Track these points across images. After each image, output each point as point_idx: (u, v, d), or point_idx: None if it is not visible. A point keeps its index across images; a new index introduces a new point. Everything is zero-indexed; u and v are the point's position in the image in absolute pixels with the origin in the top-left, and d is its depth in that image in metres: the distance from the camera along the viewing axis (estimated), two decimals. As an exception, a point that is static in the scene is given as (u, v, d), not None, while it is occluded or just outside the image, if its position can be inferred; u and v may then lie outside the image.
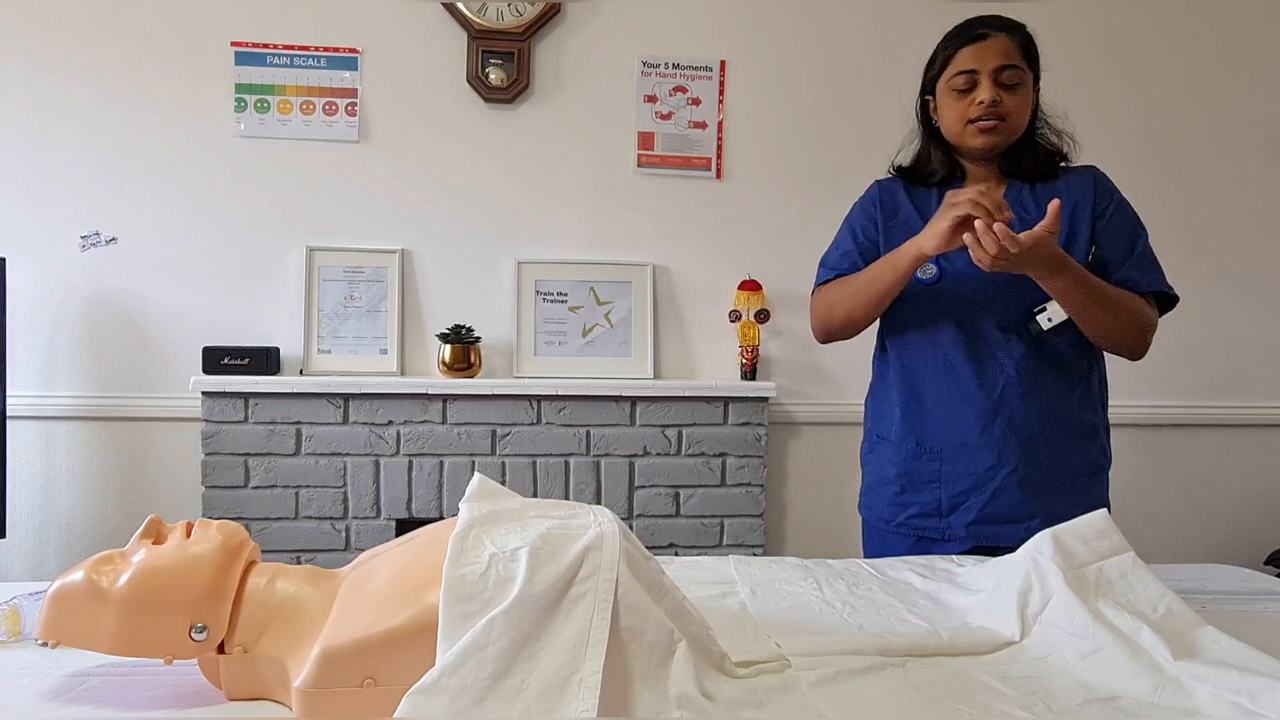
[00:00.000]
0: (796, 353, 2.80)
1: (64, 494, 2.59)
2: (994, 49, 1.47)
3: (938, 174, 1.58)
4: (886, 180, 1.66)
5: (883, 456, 1.61)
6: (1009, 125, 1.48)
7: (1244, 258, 2.91)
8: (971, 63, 1.47)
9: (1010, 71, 1.46)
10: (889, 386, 1.61)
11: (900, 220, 1.59)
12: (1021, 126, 1.51)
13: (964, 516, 1.52)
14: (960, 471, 1.52)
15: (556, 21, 2.70)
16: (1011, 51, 1.47)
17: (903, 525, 1.58)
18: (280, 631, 0.92)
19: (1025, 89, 1.49)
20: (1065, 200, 1.49)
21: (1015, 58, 1.47)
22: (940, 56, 1.53)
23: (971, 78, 1.48)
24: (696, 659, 0.90)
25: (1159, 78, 2.86)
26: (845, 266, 1.59)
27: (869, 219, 1.62)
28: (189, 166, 2.59)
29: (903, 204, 1.60)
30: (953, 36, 1.52)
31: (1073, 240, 1.49)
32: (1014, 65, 1.46)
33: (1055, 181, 1.54)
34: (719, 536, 2.65)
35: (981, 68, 1.47)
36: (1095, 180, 1.54)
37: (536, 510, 0.99)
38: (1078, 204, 1.51)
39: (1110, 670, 0.98)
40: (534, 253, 2.71)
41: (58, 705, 0.90)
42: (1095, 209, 1.51)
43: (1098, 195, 1.52)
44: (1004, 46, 1.47)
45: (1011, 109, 1.47)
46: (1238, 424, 2.93)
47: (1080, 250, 1.49)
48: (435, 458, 2.54)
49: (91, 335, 2.58)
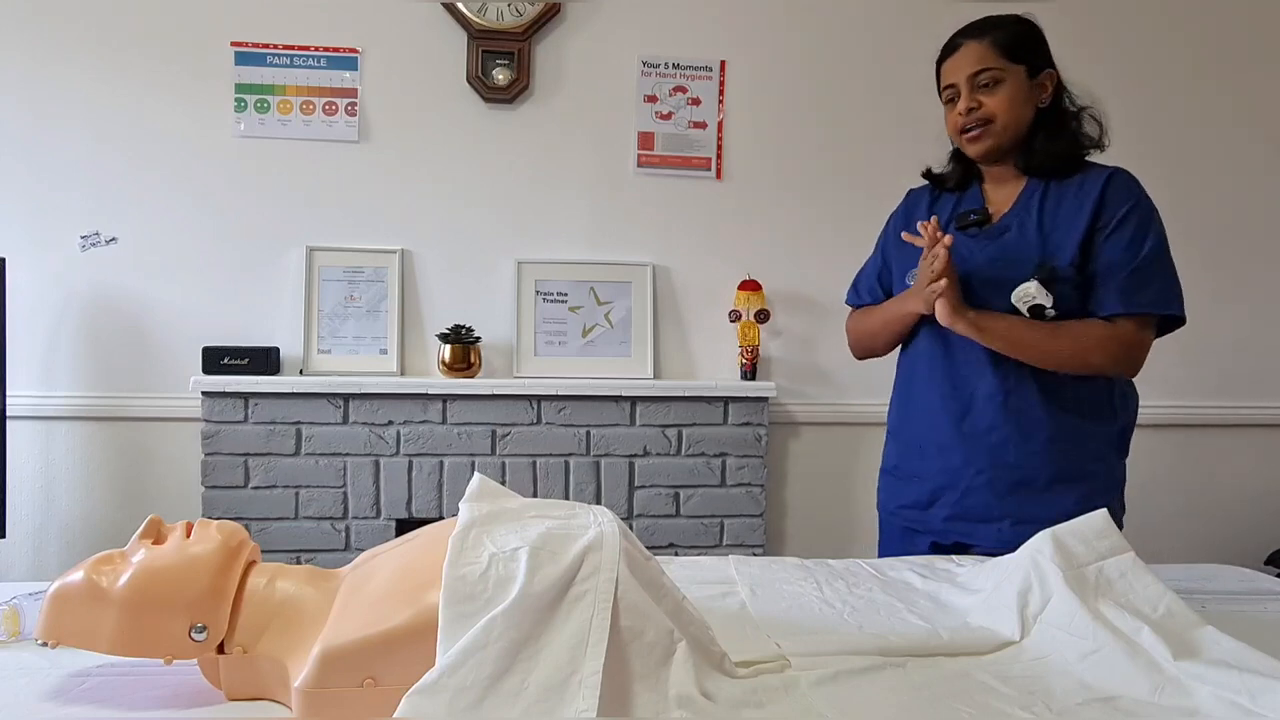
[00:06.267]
0: (796, 353, 2.80)
1: (64, 494, 2.59)
2: (965, 58, 1.50)
3: (950, 179, 1.64)
4: (916, 189, 1.73)
5: (888, 447, 1.72)
6: (995, 127, 1.49)
7: (1244, 258, 2.91)
8: (950, 75, 1.53)
9: (985, 74, 1.48)
10: (896, 383, 1.71)
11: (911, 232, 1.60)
12: (1015, 123, 1.50)
13: (940, 512, 1.57)
14: (938, 468, 1.57)
15: (556, 21, 2.69)
16: (984, 54, 1.49)
17: (894, 514, 1.67)
18: (280, 631, 0.92)
19: (1008, 85, 1.48)
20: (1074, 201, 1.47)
21: (988, 59, 1.48)
22: (936, 72, 1.59)
23: (954, 90, 1.53)
24: (696, 659, 0.90)
25: (1160, 77, 2.86)
26: (867, 299, 1.73)
27: (890, 234, 1.70)
28: (189, 166, 2.59)
29: (919, 216, 1.61)
30: (941, 50, 1.57)
31: (1060, 248, 1.46)
32: (987, 68, 1.48)
33: (1073, 179, 1.50)
34: (719, 536, 2.65)
35: (958, 79, 1.51)
36: (1106, 186, 1.47)
37: (536, 510, 0.99)
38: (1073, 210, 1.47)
39: (1110, 670, 0.98)
40: (534, 253, 2.70)
41: (58, 705, 0.90)
42: (1099, 218, 1.45)
43: (1104, 203, 1.46)
44: (974, 53, 1.49)
45: (994, 109, 1.49)
46: (1238, 424, 2.93)
47: (1064, 258, 1.45)
48: (435, 458, 2.54)
49: (91, 335, 2.58)
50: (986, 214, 1.55)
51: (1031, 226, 1.49)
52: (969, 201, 1.60)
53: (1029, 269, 1.45)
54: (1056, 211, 1.49)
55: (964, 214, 1.56)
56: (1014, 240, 1.50)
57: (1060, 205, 1.49)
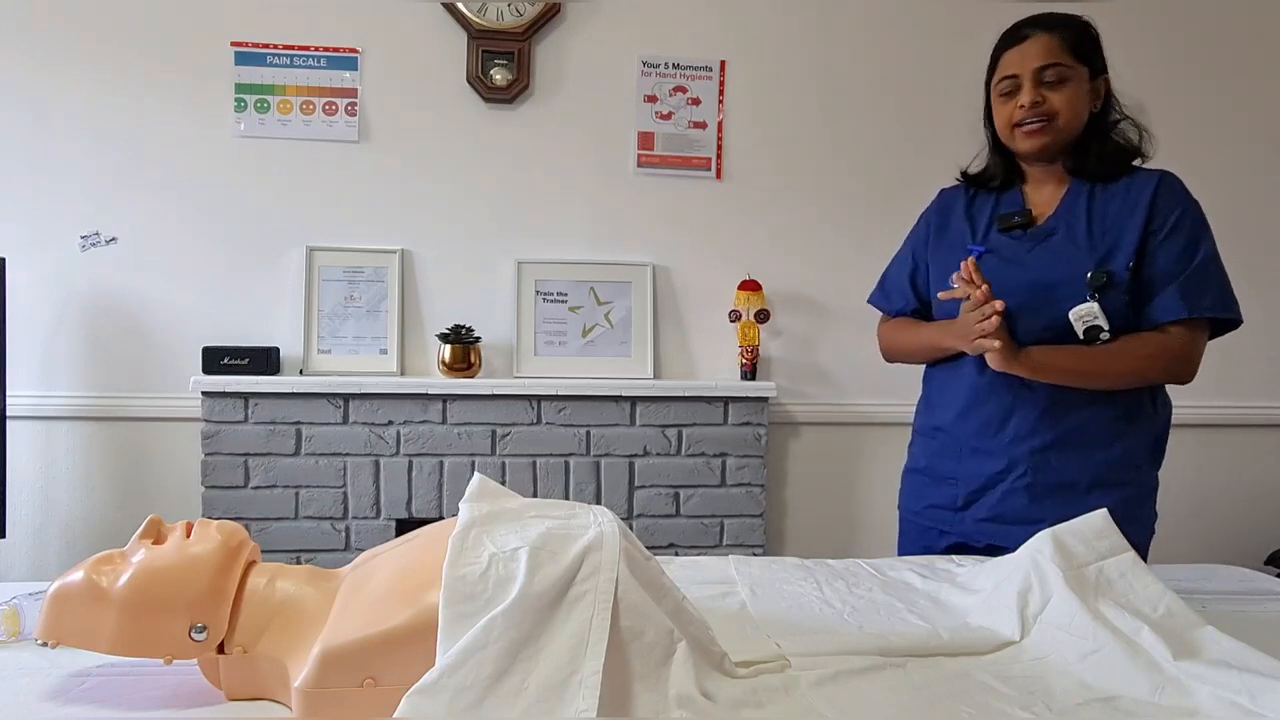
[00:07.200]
0: (796, 353, 2.80)
1: (64, 494, 2.59)
2: (1034, 49, 1.45)
3: (996, 179, 1.59)
4: (950, 189, 1.67)
5: (917, 448, 1.68)
6: (1057, 124, 1.46)
7: (1244, 257, 2.89)
8: (1013, 66, 1.47)
9: (1053, 70, 1.44)
10: (928, 383, 1.67)
11: (950, 235, 1.60)
12: (1074, 123, 1.47)
13: (975, 513, 1.54)
14: (976, 471, 1.54)
15: (556, 21, 2.69)
16: (1054, 49, 1.44)
17: (919, 514, 1.64)
18: (280, 631, 0.92)
19: (1074, 84, 1.45)
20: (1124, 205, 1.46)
21: (1058, 55, 1.44)
22: (991, 61, 1.53)
23: (1015, 81, 1.47)
24: (696, 659, 0.90)
25: (1161, 76, 2.86)
26: (899, 303, 1.68)
27: (923, 235, 1.66)
28: (189, 166, 2.59)
29: (955, 218, 1.60)
30: (1002, 39, 1.51)
31: (1113, 253, 1.44)
32: (1056, 63, 1.44)
33: (1119, 183, 1.49)
34: (719, 536, 2.65)
35: (1022, 70, 1.46)
36: (1157, 190, 1.46)
37: (536, 510, 0.99)
38: (1124, 214, 1.46)
39: (1110, 670, 0.98)
40: (534, 253, 2.71)
41: (58, 705, 0.90)
42: (1151, 222, 1.44)
43: (1155, 207, 1.44)
44: (1045, 46, 1.44)
45: (1059, 107, 1.45)
46: (1238, 424, 2.93)
47: (1120, 263, 1.43)
48: (435, 458, 2.54)
49: (91, 335, 2.58)
50: (1030, 216, 1.51)
51: (1081, 229, 1.47)
52: (1009, 203, 1.56)
53: (1080, 272, 1.43)
54: (1105, 215, 1.47)
55: (1007, 215, 1.53)
56: (1062, 242, 1.47)
57: (1109, 209, 1.47)
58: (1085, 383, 1.45)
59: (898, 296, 1.68)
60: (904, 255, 1.70)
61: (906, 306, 1.67)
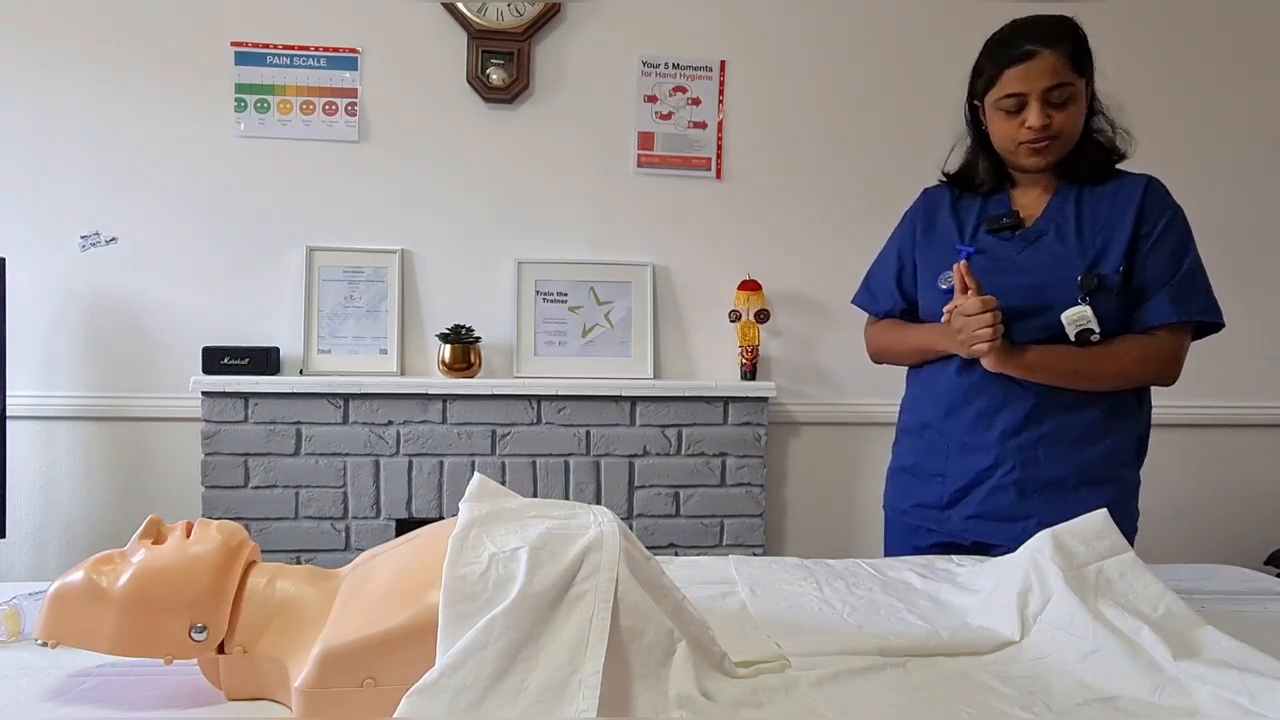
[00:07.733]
0: (796, 353, 2.80)
1: (64, 494, 2.59)
2: (1041, 69, 1.40)
3: (985, 184, 1.57)
4: (934, 188, 1.65)
5: (903, 446, 1.67)
6: (1061, 142, 1.45)
7: (1243, 257, 2.91)
8: (1019, 85, 1.42)
9: (1059, 90, 1.41)
10: (914, 381, 1.66)
11: (937, 236, 1.59)
12: (1075, 138, 1.46)
13: (962, 511, 1.54)
14: (963, 468, 1.54)
15: (556, 21, 2.69)
16: (1060, 68, 1.40)
17: (905, 513, 1.64)
18: (280, 631, 0.92)
19: (1077, 101, 1.44)
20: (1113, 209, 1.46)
21: (1064, 74, 1.40)
22: (987, 72, 1.47)
23: (1020, 100, 1.43)
24: (696, 659, 0.90)
25: (1158, 75, 2.86)
26: (886, 303, 1.67)
27: (909, 235, 1.64)
28: (189, 166, 2.59)
29: (942, 218, 1.60)
30: (999, 52, 1.45)
31: (1103, 256, 1.45)
32: (1063, 83, 1.41)
33: (1106, 185, 1.49)
34: (719, 536, 2.65)
35: (1030, 90, 1.41)
36: (1144, 194, 1.47)
37: (536, 510, 0.99)
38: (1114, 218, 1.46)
39: (1110, 670, 0.98)
40: (534, 253, 2.71)
41: (58, 705, 0.90)
42: (1140, 227, 1.45)
43: (1144, 213, 1.45)
44: (1051, 65, 1.40)
45: (1065, 125, 1.43)
46: (1238, 424, 2.93)
47: (1110, 266, 1.44)
48: (435, 458, 2.54)
49: (91, 335, 2.58)
50: (1019, 218, 1.52)
51: (1070, 231, 1.47)
52: (996, 205, 1.56)
53: (1071, 274, 1.43)
54: (1095, 218, 1.47)
55: (995, 216, 1.53)
56: (1053, 244, 1.48)
57: (1099, 211, 1.47)
58: (1077, 383, 1.46)
59: (884, 298, 1.67)
60: (889, 256, 1.68)
61: (894, 308, 1.66)
